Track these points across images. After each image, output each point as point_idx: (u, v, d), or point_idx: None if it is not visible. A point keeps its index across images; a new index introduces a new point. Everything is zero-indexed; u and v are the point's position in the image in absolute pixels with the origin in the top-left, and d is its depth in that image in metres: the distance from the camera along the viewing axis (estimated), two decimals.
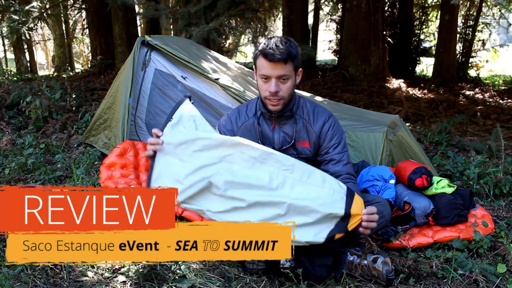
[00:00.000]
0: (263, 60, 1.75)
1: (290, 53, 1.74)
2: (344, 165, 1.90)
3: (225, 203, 1.58)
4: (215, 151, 1.62)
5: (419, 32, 10.61)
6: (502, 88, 9.01)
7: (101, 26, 9.32)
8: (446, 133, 4.47)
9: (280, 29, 12.71)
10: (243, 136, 1.95)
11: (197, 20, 4.71)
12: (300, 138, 1.93)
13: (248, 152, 1.61)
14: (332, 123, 1.94)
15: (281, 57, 1.71)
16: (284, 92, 1.80)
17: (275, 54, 1.71)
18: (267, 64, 1.74)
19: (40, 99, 4.70)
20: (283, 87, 1.79)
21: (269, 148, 1.65)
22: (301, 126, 1.93)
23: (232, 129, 2.01)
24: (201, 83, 3.07)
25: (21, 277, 1.70)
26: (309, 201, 1.54)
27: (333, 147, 1.92)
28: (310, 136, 1.93)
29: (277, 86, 1.77)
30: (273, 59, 1.72)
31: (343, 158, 1.91)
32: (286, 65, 1.74)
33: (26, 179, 2.97)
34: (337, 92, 7.13)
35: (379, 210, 1.88)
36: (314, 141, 1.93)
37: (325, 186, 1.59)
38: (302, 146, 1.94)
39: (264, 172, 1.60)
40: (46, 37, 16.53)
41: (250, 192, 1.57)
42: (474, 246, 1.96)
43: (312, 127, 1.93)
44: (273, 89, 1.77)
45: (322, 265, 1.69)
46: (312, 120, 1.93)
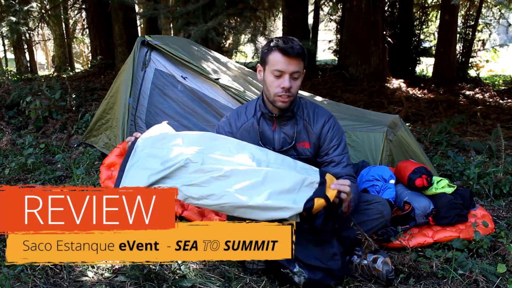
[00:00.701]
0: (279, 55, 1.74)
1: (304, 50, 1.77)
2: (344, 167, 1.90)
3: (202, 175, 1.56)
4: (195, 143, 1.67)
5: (419, 32, 10.60)
6: (502, 88, 9.00)
7: (101, 26, 9.32)
8: (446, 133, 4.47)
9: (280, 29, 12.71)
10: (242, 137, 1.95)
11: (196, 19, 4.71)
12: (301, 139, 1.92)
13: (225, 143, 1.70)
14: (332, 124, 1.93)
15: (300, 52, 1.73)
16: (295, 89, 1.81)
17: (294, 48, 1.72)
18: (283, 59, 1.74)
19: (40, 99, 4.70)
20: (294, 84, 1.79)
21: (244, 142, 1.73)
22: (301, 127, 1.92)
23: (231, 131, 1.99)
24: (201, 83, 3.06)
25: (21, 277, 1.70)
26: (285, 170, 1.62)
27: (333, 149, 1.92)
28: (310, 137, 1.92)
29: (290, 82, 1.77)
30: (291, 54, 1.72)
31: (343, 160, 1.91)
32: (300, 61, 1.76)
33: (26, 179, 2.97)
34: (337, 92, 7.12)
35: (379, 210, 1.89)
36: (314, 142, 1.92)
37: (298, 164, 1.70)
38: (302, 147, 1.93)
39: (241, 154, 1.67)
40: (46, 37, 16.53)
41: (228, 162, 1.60)
42: (474, 246, 1.96)
43: (312, 128, 1.92)
44: (287, 85, 1.76)
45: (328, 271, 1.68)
46: (312, 121, 1.92)
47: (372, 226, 1.88)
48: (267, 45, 1.80)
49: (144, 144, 1.66)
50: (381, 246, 1.96)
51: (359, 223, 1.83)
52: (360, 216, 1.87)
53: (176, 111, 3.14)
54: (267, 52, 1.79)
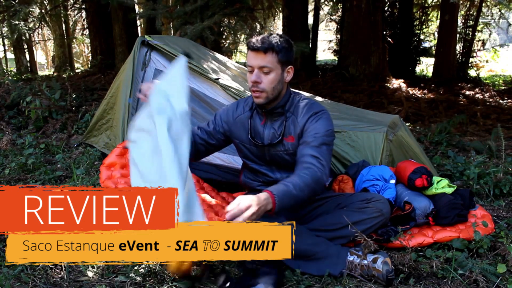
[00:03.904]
0: (248, 50, 1.81)
1: (271, 44, 1.77)
2: (311, 148, 1.77)
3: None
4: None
5: (419, 32, 10.61)
6: (502, 88, 9.01)
7: (101, 26, 9.32)
8: (446, 133, 4.47)
9: (280, 29, 12.71)
10: (236, 128, 2.02)
11: (194, 19, 4.73)
12: (288, 134, 1.93)
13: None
14: (319, 117, 1.86)
15: (260, 46, 1.76)
16: (266, 84, 1.81)
17: (256, 43, 1.77)
18: (250, 54, 1.80)
19: (40, 99, 4.70)
20: (265, 79, 1.80)
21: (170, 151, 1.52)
22: (290, 122, 1.93)
23: (227, 121, 2.05)
24: (201, 83, 3.06)
25: (21, 277, 1.70)
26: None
27: (310, 134, 1.83)
28: (295, 130, 1.90)
29: (257, 76, 1.80)
30: (252, 48, 1.78)
31: (313, 143, 1.79)
32: (266, 55, 1.77)
33: (26, 179, 2.97)
34: (337, 92, 7.12)
35: (378, 208, 1.89)
36: (298, 133, 1.89)
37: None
38: (288, 141, 1.93)
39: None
40: (46, 37, 16.54)
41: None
42: (474, 246, 1.95)
43: (297, 120, 1.90)
44: (253, 78, 1.80)
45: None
46: (300, 114, 1.90)
47: (371, 225, 1.88)
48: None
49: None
50: (381, 246, 1.96)
51: (359, 221, 1.84)
52: (360, 215, 1.87)
53: None
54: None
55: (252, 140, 1.98)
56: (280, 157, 1.97)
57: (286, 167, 1.98)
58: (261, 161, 2.03)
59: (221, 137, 2.08)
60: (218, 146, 2.11)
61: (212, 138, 2.07)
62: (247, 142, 2.02)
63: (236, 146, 2.11)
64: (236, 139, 2.06)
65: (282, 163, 1.99)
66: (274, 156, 1.98)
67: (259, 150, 2.00)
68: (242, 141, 2.03)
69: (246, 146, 2.03)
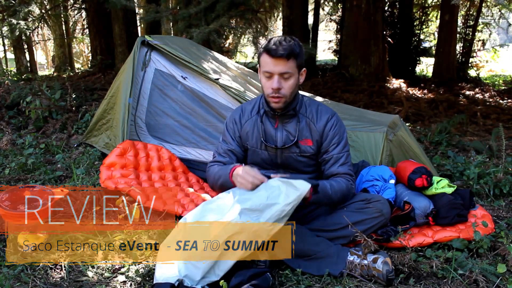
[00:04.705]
0: (266, 56, 1.77)
1: (292, 50, 1.76)
2: (341, 165, 1.92)
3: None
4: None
5: (419, 32, 10.59)
6: (502, 88, 9.00)
7: (101, 26, 9.31)
8: (446, 133, 4.47)
9: (280, 29, 12.71)
10: (246, 133, 2.00)
11: (198, 22, 4.72)
12: (303, 137, 1.94)
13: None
14: (335, 122, 1.95)
15: (284, 53, 1.74)
16: (286, 90, 1.82)
17: (278, 49, 1.74)
18: (270, 60, 1.77)
19: (40, 99, 4.70)
20: (285, 85, 1.81)
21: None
22: (304, 124, 1.94)
23: (236, 129, 2.03)
24: (201, 83, 3.06)
25: (21, 277, 1.70)
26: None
27: (333, 147, 1.93)
28: (313, 135, 1.94)
29: (279, 83, 1.79)
30: (276, 55, 1.74)
31: (341, 159, 1.93)
32: (288, 61, 1.76)
33: (26, 179, 2.97)
34: (337, 92, 7.12)
35: (378, 208, 1.90)
36: (317, 139, 1.94)
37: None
38: (305, 144, 1.95)
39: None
40: (46, 37, 16.53)
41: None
42: (474, 246, 1.96)
43: (315, 125, 1.94)
44: (275, 85, 1.79)
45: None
46: (316, 119, 1.94)
47: (371, 225, 1.89)
48: (259, 47, 1.84)
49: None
50: (381, 246, 1.96)
51: (359, 221, 1.85)
52: (360, 215, 1.88)
53: (176, 111, 3.14)
54: (259, 54, 1.84)
55: (265, 144, 1.98)
56: (294, 159, 1.98)
57: (296, 170, 2.00)
58: (269, 165, 2.03)
59: (243, 146, 2.08)
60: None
61: (241, 149, 2.07)
62: (257, 146, 2.01)
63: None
64: (245, 143, 2.06)
65: (293, 165, 2.00)
66: (287, 158, 1.99)
67: (271, 153, 2.00)
68: (252, 145, 2.03)
69: (256, 150, 2.03)
